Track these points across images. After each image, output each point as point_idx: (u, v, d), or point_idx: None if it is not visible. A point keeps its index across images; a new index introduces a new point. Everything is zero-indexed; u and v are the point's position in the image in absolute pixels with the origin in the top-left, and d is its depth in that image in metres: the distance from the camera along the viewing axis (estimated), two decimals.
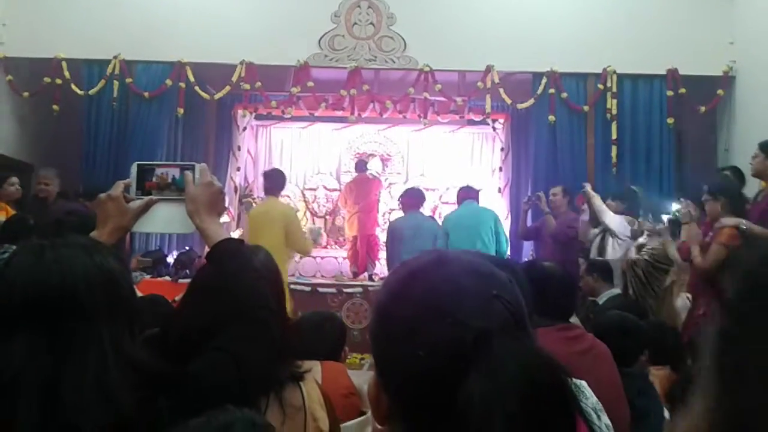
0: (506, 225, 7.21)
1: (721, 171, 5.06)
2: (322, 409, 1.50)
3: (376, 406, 0.79)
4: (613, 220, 5.42)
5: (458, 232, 5.87)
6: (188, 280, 5.59)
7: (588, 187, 5.81)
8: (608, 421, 1.67)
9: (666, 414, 2.47)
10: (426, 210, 8.04)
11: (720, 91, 6.78)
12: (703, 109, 6.76)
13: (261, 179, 8.45)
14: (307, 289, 6.78)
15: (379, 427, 0.81)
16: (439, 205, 8.37)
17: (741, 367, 0.47)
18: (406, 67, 7.00)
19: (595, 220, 5.56)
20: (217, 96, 7.18)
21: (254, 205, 7.90)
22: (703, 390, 0.50)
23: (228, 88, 7.02)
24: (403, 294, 0.75)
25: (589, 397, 1.67)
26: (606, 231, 5.73)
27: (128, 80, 6.89)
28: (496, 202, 7.60)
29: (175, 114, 7.03)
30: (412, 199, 6.32)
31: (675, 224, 4.73)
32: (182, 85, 6.91)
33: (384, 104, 7.15)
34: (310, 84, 6.93)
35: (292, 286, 6.61)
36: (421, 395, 0.71)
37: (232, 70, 6.94)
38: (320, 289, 6.77)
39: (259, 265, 1.44)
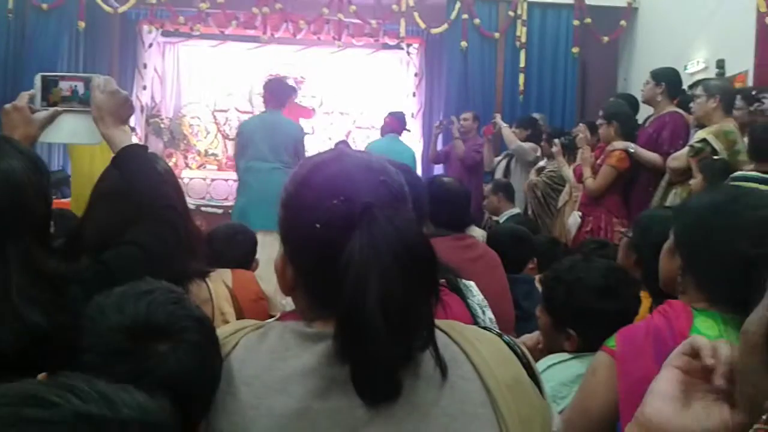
0: (419, 148, 7.37)
1: (616, 97, 5.35)
2: (230, 305, 1.60)
3: (283, 278, 0.92)
4: (520, 146, 5.69)
5: None
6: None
7: (498, 117, 6.02)
8: (492, 316, 1.85)
9: None
10: (340, 134, 8.08)
11: (623, 22, 7.05)
12: (606, 39, 7.02)
13: (174, 99, 8.25)
14: (219, 211, 6.76)
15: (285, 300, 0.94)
16: (353, 130, 8.41)
17: None
18: None
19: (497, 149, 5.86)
20: (121, 9, 6.83)
21: (162, 126, 7.70)
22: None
23: (132, 1, 6.70)
24: (307, 181, 0.88)
25: (476, 295, 1.84)
26: (510, 157, 6.01)
27: None
28: (410, 125, 7.71)
29: (76, 28, 6.67)
30: (395, 123, 6.15)
31: (569, 147, 5.01)
32: None
33: (297, 24, 7.03)
34: (220, 0, 6.70)
35: (202, 209, 6.59)
36: (317, 260, 0.84)
37: None
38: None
39: (162, 170, 1.48)
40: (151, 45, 7.80)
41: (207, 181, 7.73)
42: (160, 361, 0.87)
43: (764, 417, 0.57)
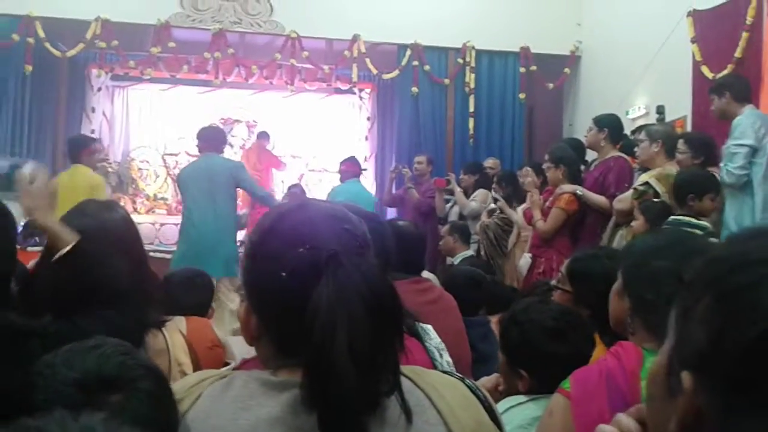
0: (372, 191, 7.42)
1: (562, 141, 5.52)
2: (186, 356, 1.58)
3: (247, 327, 0.92)
4: (472, 208, 5.81)
5: None
6: (38, 248, 5.28)
7: (452, 179, 6.14)
8: (450, 360, 1.87)
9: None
10: (293, 178, 8.09)
11: (566, 70, 7.33)
12: (551, 85, 7.28)
13: (122, 143, 8.13)
14: (168, 256, 6.63)
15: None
16: (306, 173, 8.43)
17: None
18: (273, 32, 6.95)
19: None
20: (70, 53, 6.76)
21: (110, 170, 7.57)
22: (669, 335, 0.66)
23: (82, 45, 6.64)
24: (272, 230, 0.90)
25: (433, 338, 1.85)
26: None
27: None
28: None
29: (23, 71, 6.57)
30: (355, 167, 6.27)
31: (520, 191, 5.14)
32: (30, 40, 6.45)
33: (250, 69, 7.08)
34: (172, 45, 6.71)
35: (151, 254, 6.45)
36: (283, 309, 0.85)
37: (87, 26, 6.56)
38: None
39: (113, 239, 1.49)
40: (99, 89, 7.73)
41: (156, 225, 7.61)
42: (114, 412, 0.86)
43: None
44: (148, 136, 8.33)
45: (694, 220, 3.39)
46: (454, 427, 0.85)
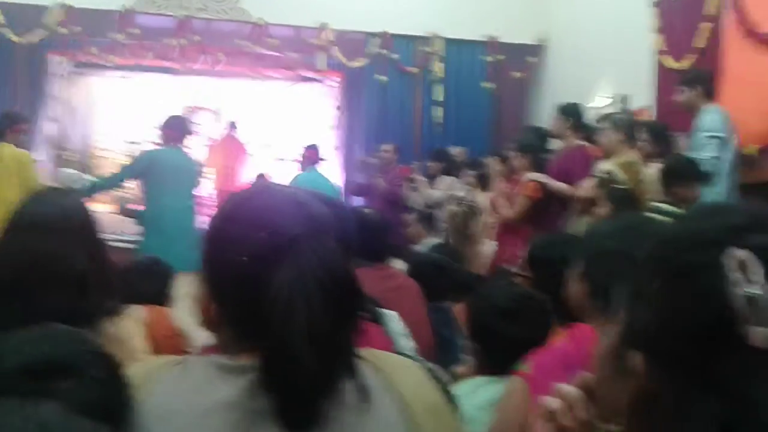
0: (340, 181, 7.40)
1: (528, 130, 5.57)
2: (145, 344, 1.55)
3: (206, 315, 0.92)
4: (436, 198, 5.82)
5: None
6: None
7: (416, 169, 6.16)
8: (413, 344, 1.88)
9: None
10: (261, 167, 8.02)
11: (533, 59, 7.38)
12: (517, 75, 7.33)
13: (84, 130, 7.98)
14: (132, 246, 6.52)
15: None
16: (274, 162, 8.36)
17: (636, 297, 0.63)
18: (239, 19, 6.87)
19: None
20: (30, 40, 6.59)
21: (71, 159, 7.43)
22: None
23: (42, 31, 6.48)
24: (233, 215, 0.89)
25: (396, 324, 1.86)
26: None
27: None
28: (330, 158, 7.74)
29: None
30: (316, 155, 6.17)
31: (485, 179, 5.18)
32: None
33: (216, 56, 6.99)
34: (136, 31, 6.58)
35: (113, 244, 6.35)
36: (244, 294, 0.83)
37: (47, 11, 6.40)
38: None
39: (74, 226, 1.46)
40: (61, 76, 7.56)
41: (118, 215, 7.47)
42: (64, 398, 0.85)
43: (617, 421, 0.63)
44: (111, 124, 8.18)
45: (671, 208, 3.42)
46: (409, 408, 0.86)
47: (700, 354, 0.54)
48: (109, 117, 8.12)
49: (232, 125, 7.94)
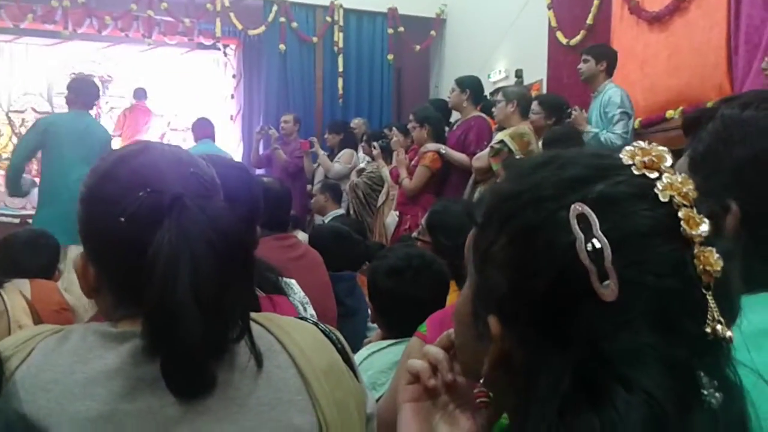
0: (239, 152, 7.23)
1: (428, 102, 5.65)
2: (28, 317, 1.47)
3: (84, 279, 0.87)
4: (336, 171, 5.81)
5: None
6: None
7: (315, 142, 6.11)
8: (313, 312, 1.88)
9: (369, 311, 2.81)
10: (154, 137, 7.70)
11: (432, 32, 7.46)
12: (417, 47, 7.39)
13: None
14: (16, 221, 6.15)
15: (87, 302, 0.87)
16: (167, 132, 8.06)
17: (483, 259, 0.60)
18: None
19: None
20: None
21: None
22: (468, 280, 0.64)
23: None
24: (110, 174, 0.84)
25: (297, 292, 1.85)
26: None
27: None
28: (228, 129, 7.55)
29: None
30: (210, 127, 5.84)
31: (386, 149, 5.22)
32: None
33: (103, 20, 6.60)
34: None
35: None
36: (123, 257, 0.80)
37: None
38: (30, 221, 6.18)
39: None
40: None
41: (0, 188, 7.00)
42: None
43: (481, 381, 0.62)
44: None
45: None
46: (305, 369, 0.85)
47: (549, 311, 0.53)
48: None
49: (140, 93, 7.55)
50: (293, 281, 1.91)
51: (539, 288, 0.53)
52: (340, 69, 7.20)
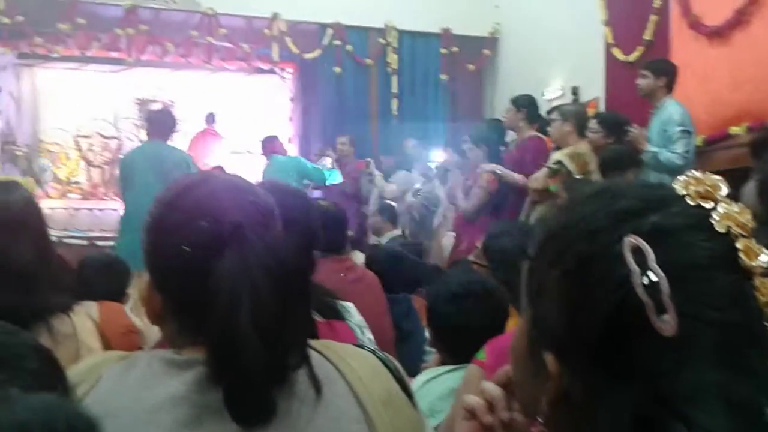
0: None
1: (483, 122, 5.64)
2: (96, 340, 1.52)
3: (150, 306, 0.89)
4: (391, 191, 5.85)
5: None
6: None
7: (371, 165, 6.18)
8: (371, 336, 1.88)
9: (426, 334, 2.80)
10: (221, 159, 7.90)
11: (486, 51, 7.45)
12: (471, 67, 7.39)
13: (31, 125, 7.73)
14: (84, 242, 6.39)
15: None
16: (229, 154, 8.25)
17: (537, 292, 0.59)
18: (188, 8, 6.73)
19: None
20: None
21: (18, 154, 7.20)
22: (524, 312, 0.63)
23: None
24: (173, 204, 0.87)
25: (354, 316, 1.86)
26: None
27: None
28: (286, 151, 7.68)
29: None
30: (273, 144, 6.19)
31: (444, 171, 5.22)
32: None
33: (164, 47, 6.84)
34: (81, 21, 6.40)
35: (65, 240, 6.20)
36: (186, 286, 0.82)
37: None
38: (99, 243, 6.40)
39: (15, 220, 1.43)
40: (5, 67, 7.31)
41: (70, 211, 7.28)
42: None
43: (539, 419, 0.60)
44: (59, 118, 7.95)
45: None
46: (363, 398, 0.85)
47: (607, 347, 0.51)
48: (57, 110, 7.88)
49: (210, 118, 7.81)
50: (351, 305, 1.92)
51: (595, 323, 0.52)
52: (394, 90, 7.25)
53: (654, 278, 0.50)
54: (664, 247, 0.51)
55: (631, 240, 0.52)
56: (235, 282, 0.76)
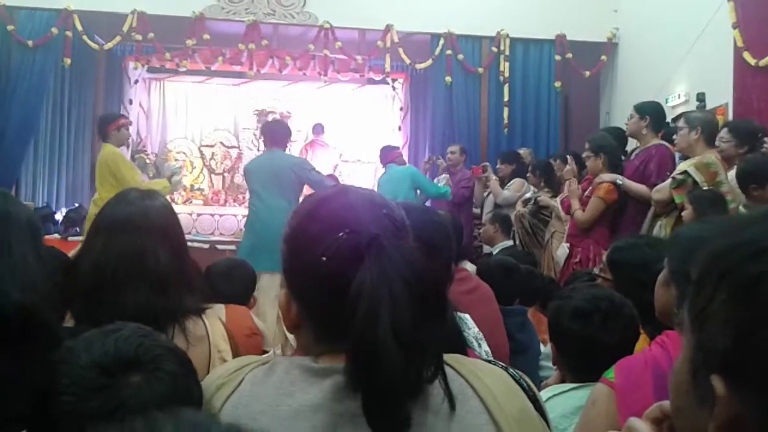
0: None
1: (599, 130, 5.43)
2: (226, 343, 1.58)
3: (287, 315, 0.92)
4: (505, 197, 5.78)
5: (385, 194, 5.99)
6: (79, 238, 5.46)
7: (488, 168, 6.13)
8: (488, 349, 1.85)
9: (542, 348, 2.72)
10: (328, 167, 8.12)
11: (603, 57, 7.20)
12: (587, 73, 7.16)
13: (159, 134, 8.27)
14: (206, 246, 6.73)
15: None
16: (339, 163, 8.45)
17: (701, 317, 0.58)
18: (306, 23, 6.96)
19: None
20: (107, 46, 6.87)
21: (147, 162, 7.70)
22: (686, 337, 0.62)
23: (118, 38, 6.73)
24: (312, 215, 0.90)
25: (471, 328, 1.84)
26: None
27: (10, 27, 6.47)
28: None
29: (62, 64, 6.69)
30: (390, 154, 6.38)
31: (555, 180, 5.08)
32: (69, 33, 6.57)
33: (283, 60, 7.11)
34: (206, 37, 6.76)
35: (189, 244, 6.54)
36: (325, 294, 0.84)
37: (123, 19, 6.66)
38: (219, 246, 6.72)
39: (156, 226, 1.51)
40: (137, 81, 7.86)
41: (193, 216, 7.70)
42: (134, 392, 0.89)
43: None
44: (185, 128, 8.45)
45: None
46: (497, 415, 0.84)
47: None
48: (183, 120, 8.38)
49: (317, 129, 8.09)
50: (467, 316, 1.89)
51: (766, 343, 0.50)
52: (506, 98, 7.15)
53: None
54: None
55: None
56: (374, 291, 0.77)
